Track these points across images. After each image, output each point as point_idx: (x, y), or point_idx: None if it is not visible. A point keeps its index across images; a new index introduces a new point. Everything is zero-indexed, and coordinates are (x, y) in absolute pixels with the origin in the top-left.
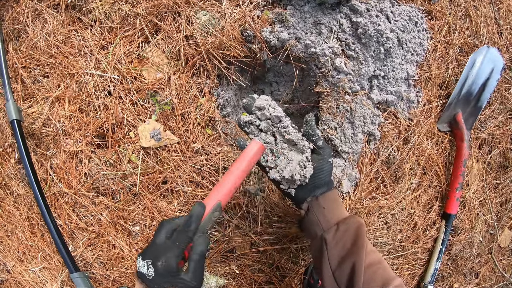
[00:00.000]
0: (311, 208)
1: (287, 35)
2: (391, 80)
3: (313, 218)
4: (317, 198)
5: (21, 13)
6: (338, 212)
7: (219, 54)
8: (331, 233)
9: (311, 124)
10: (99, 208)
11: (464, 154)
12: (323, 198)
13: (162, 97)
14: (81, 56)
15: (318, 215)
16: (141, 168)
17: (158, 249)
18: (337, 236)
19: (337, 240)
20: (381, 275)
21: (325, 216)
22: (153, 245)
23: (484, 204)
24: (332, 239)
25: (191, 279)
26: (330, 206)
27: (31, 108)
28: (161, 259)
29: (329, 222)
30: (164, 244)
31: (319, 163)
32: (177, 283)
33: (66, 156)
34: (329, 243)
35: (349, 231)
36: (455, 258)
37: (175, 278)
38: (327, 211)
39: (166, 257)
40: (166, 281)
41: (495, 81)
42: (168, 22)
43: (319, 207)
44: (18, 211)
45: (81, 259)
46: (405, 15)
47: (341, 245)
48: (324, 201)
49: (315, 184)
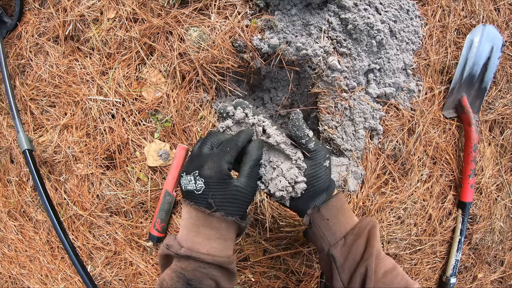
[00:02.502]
0: (313, 221)
1: (277, 41)
2: (388, 72)
3: (317, 231)
4: (319, 210)
5: (24, 49)
6: (344, 221)
7: (213, 67)
8: (338, 248)
9: (298, 123)
10: (113, 227)
11: (474, 139)
12: (326, 208)
13: (163, 115)
14: (84, 83)
15: (322, 228)
16: (150, 185)
17: (204, 159)
18: (344, 250)
19: (345, 256)
20: (399, 282)
21: (330, 229)
22: (196, 156)
23: (502, 188)
24: (340, 255)
25: (245, 185)
26: (334, 216)
27: (41, 137)
28: (209, 166)
29: (335, 235)
30: (210, 153)
31: (313, 169)
32: (231, 190)
33: (78, 180)
34: (337, 260)
35: (359, 241)
36: (476, 247)
37: (228, 185)
38: (332, 222)
39: (214, 162)
40: (218, 190)
41: (496, 59)
42: (161, 42)
43: (322, 219)
44: (38, 236)
45: (101, 278)
46: (395, 4)
47: (351, 259)
48: (327, 212)
49: (312, 193)
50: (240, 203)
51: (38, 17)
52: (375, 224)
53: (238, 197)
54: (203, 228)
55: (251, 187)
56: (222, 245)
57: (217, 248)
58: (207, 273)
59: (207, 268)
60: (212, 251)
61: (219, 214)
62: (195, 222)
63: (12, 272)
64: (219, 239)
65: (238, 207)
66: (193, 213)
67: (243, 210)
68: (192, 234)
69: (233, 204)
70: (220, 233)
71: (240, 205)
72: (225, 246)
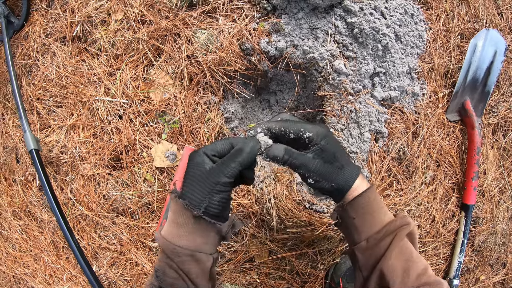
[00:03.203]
0: (341, 218)
1: (284, 44)
2: (393, 75)
3: (344, 229)
4: (344, 207)
5: (30, 49)
6: (371, 221)
7: (221, 69)
8: (361, 249)
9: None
10: (119, 227)
11: (477, 142)
12: (351, 207)
13: (170, 117)
14: (91, 84)
15: (350, 226)
16: (157, 186)
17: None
18: (367, 252)
19: (367, 257)
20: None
21: (356, 228)
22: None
23: (504, 191)
24: (362, 256)
25: (212, 167)
26: (361, 215)
27: (48, 137)
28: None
29: (360, 236)
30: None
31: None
32: (195, 170)
33: (84, 180)
34: (359, 259)
35: (382, 244)
36: (479, 250)
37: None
38: (358, 221)
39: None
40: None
41: (499, 63)
42: (169, 44)
43: (348, 217)
44: (42, 235)
45: (106, 278)
46: (400, 9)
47: (373, 259)
48: (352, 210)
49: (327, 192)
50: (197, 184)
51: (45, 18)
52: (405, 225)
53: (198, 177)
54: (170, 213)
55: (215, 172)
56: (175, 229)
57: (171, 233)
58: (168, 264)
59: (166, 258)
60: (166, 235)
61: (173, 195)
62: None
63: (15, 271)
64: (172, 222)
65: (196, 191)
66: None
67: (198, 195)
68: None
69: (191, 185)
70: (174, 216)
71: (197, 187)
72: (177, 231)
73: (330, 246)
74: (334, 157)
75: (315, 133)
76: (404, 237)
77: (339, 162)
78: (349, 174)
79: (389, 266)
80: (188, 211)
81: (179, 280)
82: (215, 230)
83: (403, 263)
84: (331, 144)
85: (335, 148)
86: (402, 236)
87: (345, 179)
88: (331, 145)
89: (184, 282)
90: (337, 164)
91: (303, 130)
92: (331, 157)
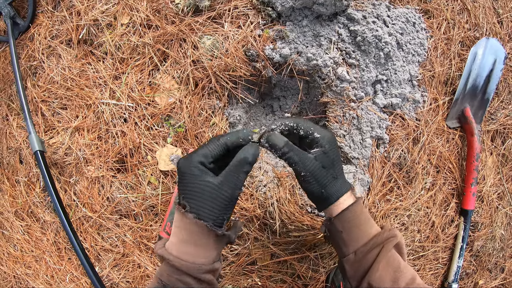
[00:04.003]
0: (329, 232)
1: (288, 51)
2: (394, 83)
3: (333, 241)
4: (332, 221)
5: (36, 50)
6: (359, 234)
7: (226, 75)
8: (349, 261)
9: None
10: (122, 229)
11: (476, 148)
12: (338, 220)
13: (175, 121)
14: (96, 87)
15: (338, 239)
16: (161, 188)
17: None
18: (354, 265)
19: (355, 269)
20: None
21: (344, 241)
22: None
23: (503, 197)
24: (350, 268)
25: (218, 182)
26: (348, 229)
27: (52, 139)
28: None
29: (348, 249)
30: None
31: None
32: (199, 184)
33: (88, 182)
34: (347, 271)
35: (369, 256)
36: (478, 254)
37: (198, 178)
38: (345, 235)
39: (188, 156)
40: (188, 184)
41: (499, 71)
42: (175, 49)
43: (336, 231)
44: (45, 236)
45: (108, 279)
46: (402, 17)
47: (360, 272)
48: (339, 224)
49: (314, 197)
50: (210, 201)
51: (51, 20)
52: (392, 237)
53: (209, 194)
54: (178, 230)
55: (227, 186)
56: (192, 250)
57: (188, 253)
58: (180, 279)
59: (177, 273)
60: (182, 255)
61: (191, 215)
62: (175, 223)
63: (17, 272)
64: (189, 243)
65: (209, 207)
66: (176, 213)
67: (216, 213)
68: (172, 235)
69: (203, 203)
70: (191, 237)
71: (211, 204)
72: (196, 252)
73: (331, 250)
74: (332, 164)
75: (323, 136)
76: (391, 249)
77: (334, 171)
78: (340, 187)
79: (377, 278)
80: (212, 232)
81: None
82: (226, 239)
83: (391, 274)
84: (333, 151)
85: (335, 157)
86: (389, 247)
87: (336, 190)
88: (333, 152)
89: None
90: (332, 172)
91: (313, 130)
92: (329, 164)
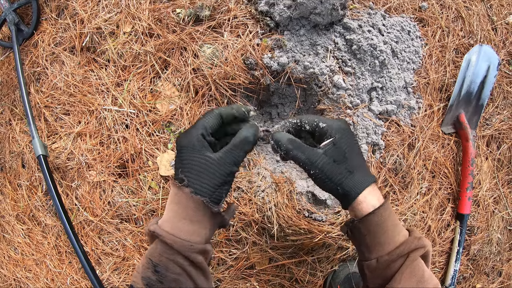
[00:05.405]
0: (351, 233)
1: (286, 59)
2: (390, 90)
3: (356, 243)
4: (355, 224)
5: (40, 57)
6: (384, 240)
7: (225, 83)
8: (370, 268)
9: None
10: (123, 233)
11: (471, 153)
12: (362, 224)
13: (176, 127)
14: (99, 93)
15: (361, 242)
16: (162, 193)
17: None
18: (376, 272)
19: (375, 276)
20: None
21: (367, 247)
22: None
23: (499, 201)
24: (370, 274)
25: (218, 158)
26: (373, 233)
27: (55, 144)
28: (183, 134)
29: (370, 254)
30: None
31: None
32: (199, 159)
33: (90, 186)
34: (368, 276)
35: (392, 265)
36: (475, 258)
37: (198, 152)
38: (369, 239)
39: (188, 130)
40: (187, 158)
41: (493, 77)
42: (176, 57)
43: (359, 234)
44: (46, 240)
45: (108, 283)
46: (397, 26)
47: (380, 280)
48: (364, 228)
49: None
50: (209, 177)
51: (55, 27)
52: (420, 247)
53: (207, 169)
54: (173, 205)
55: (226, 162)
56: (187, 226)
57: (181, 229)
58: (172, 259)
59: (169, 253)
60: (176, 231)
61: (188, 190)
62: (169, 198)
63: (17, 275)
64: (184, 219)
65: (206, 182)
66: (171, 189)
67: (212, 189)
68: (166, 212)
69: (201, 177)
70: (186, 212)
71: (208, 179)
72: (190, 228)
73: (328, 254)
74: (344, 157)
75: (330, 125)
76: (417, 258)
77: (348, 164)
78: (358, 182)
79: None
80: (208, 209)
81: (183, 276)
82: (220, 220)
83: (414, 284)
84: (345, 141)
85: (348, 147)
86: (415, 257)
87: (353, 185)
88: (345, 142)
89: (188, 277)
90: (346, 166)
91: (317, 121)
92: (341, 157)
